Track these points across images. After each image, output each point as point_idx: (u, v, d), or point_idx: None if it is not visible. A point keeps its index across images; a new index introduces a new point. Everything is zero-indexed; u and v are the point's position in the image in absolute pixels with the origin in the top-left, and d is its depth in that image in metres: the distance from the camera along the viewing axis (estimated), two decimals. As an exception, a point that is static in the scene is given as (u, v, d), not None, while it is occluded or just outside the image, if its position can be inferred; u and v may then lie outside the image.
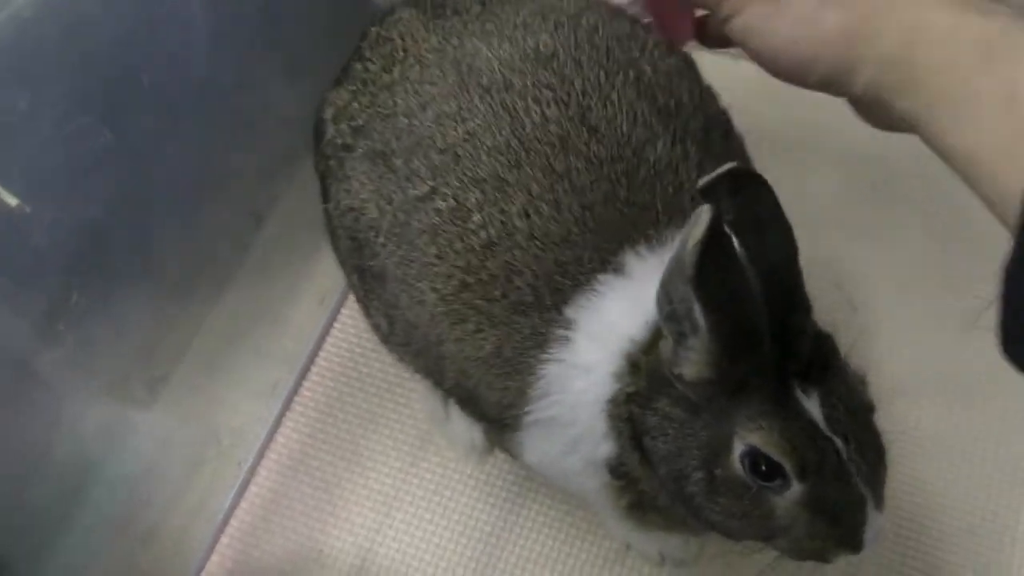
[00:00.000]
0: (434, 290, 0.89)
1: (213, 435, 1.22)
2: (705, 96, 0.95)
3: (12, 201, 0.84)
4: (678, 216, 0.85)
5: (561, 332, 0.85)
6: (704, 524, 0.82)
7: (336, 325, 1.31)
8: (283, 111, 1.20)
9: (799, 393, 0.74)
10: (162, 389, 1.14)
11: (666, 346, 0.77)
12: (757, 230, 0.72)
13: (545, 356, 0.85)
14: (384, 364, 1.27)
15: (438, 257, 0.88)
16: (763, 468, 0.74)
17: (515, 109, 0.87)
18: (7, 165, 0.83)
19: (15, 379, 0.86)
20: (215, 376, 1.21)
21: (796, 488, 0.75)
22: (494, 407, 0.92)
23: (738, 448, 0.75)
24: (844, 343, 0.80)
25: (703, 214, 0.67)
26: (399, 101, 0.93)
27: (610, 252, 0.84)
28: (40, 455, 0.94)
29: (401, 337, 1.00)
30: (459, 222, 0.86)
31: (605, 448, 0.86)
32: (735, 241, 0.70)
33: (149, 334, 1.10)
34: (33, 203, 0.85)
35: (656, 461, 0.81)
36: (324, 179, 1.03)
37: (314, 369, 1.28)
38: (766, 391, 0.74)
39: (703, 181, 0.70)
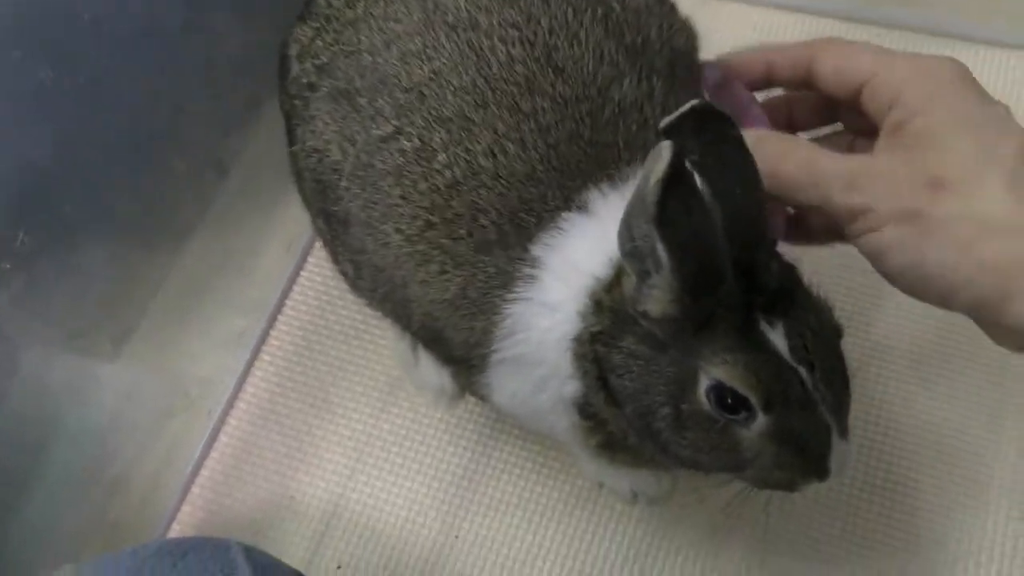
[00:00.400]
0: (399, 231, 0.88)
1: (180, 386, 1.21)
2: (674, 29, 0.94)
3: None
4: (641, 153, 0.84)
5: (527, 271, 0.84)
6: (673, 460, 0.83)
7: (303, 273, 1.30)
8: (241, 56, 1.18)
9: (764, 325, 0.74)
10: (127, 341, 1.13)
11: (629, 283, 0.76)
12: (722, 167, 0.71)
13: (511, 295, 0.85)
14: (352, 311, 1.26)
15: (402, 198, 0.87)
16: (729, 401, 0.75)
17: (481, 48, 0.85)
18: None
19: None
20: (181, 327, 1.20)
21: (762, 420, 0.75)
22: (461, 347, 0.92)
23: (704, 383, 0.75)
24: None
25: (663, 151, 0.66)
26: (363, 38, 0.91)
27: (574, 190, 0.83)
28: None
29: (368, 282, 0.99)
30: (424, 162, 0.85)
31: (571, 387, 0.85)
32: (698, 178, 0.69)
33: (110, 285, 1.08)
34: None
35: (623, 399, 0.81)
36: (289, 119, 1.01)
37: (281, 318, 1.27)
38: (730, 325, 0.74)
39: (666, 121, 0.69)
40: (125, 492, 1.13)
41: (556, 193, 0.83)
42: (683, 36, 0.95)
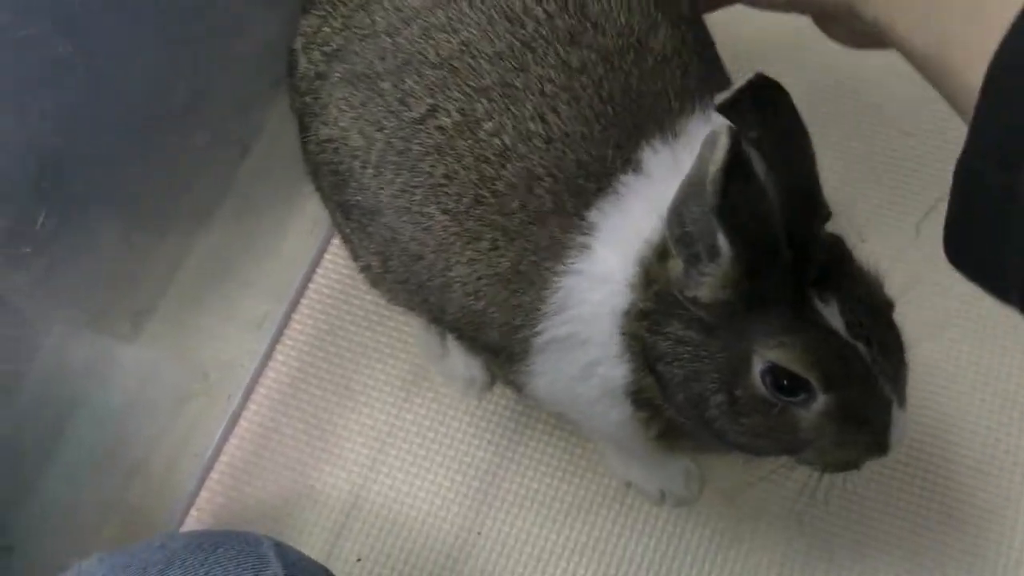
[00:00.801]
0: (445, 212, 0.84)
1: (200, 369, 1.18)
2: None
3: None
4: (688, 104, 0.82)
5: (581, 239, 0.80)
6: (729, 445, 0.80)
7: (326, 256, 1.27)
8: (264, 34, 1.14)
9: (817, 302, 0.72)
10: (146, 323, 1.10)
11: (676, 268, 0.74)
12: (778, 140, 0.68)
13: (562, 267, 0.81)
14: (376, 298, 1.23)
15: (446, 177, 0.83)
16: (785, 383, 0.72)
17: (512, 11, 0.82)
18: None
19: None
20: (201, 309, 1.17)
21: (822, 400, 0.73)
22: (503, 332, 0.88)
23: (758, 366, 0.72)
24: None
25: (722, 137, 0.63)
26: (378, 19, 0.87)
27: (630, 149, 0.80)
28: (16, 387, 0.90)
29: (399, 273, 0.96)
30: (469, 135, 0.82)
31: (620, 371, 0.82)
32: (755, 156, 0.67)
33: (129, 266, 1.05)
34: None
35: (672, 388, 0.78)
36: (302, 117, 0.97)
37: (304, 301, 1.24)
38: (783, 304, 0.71)
39: (722, 97, 0.65)
40: (143, 476, 1.11)
41: (614, 153, 0.80)
42: None
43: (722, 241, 0.67)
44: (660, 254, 0.77)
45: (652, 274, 0.77)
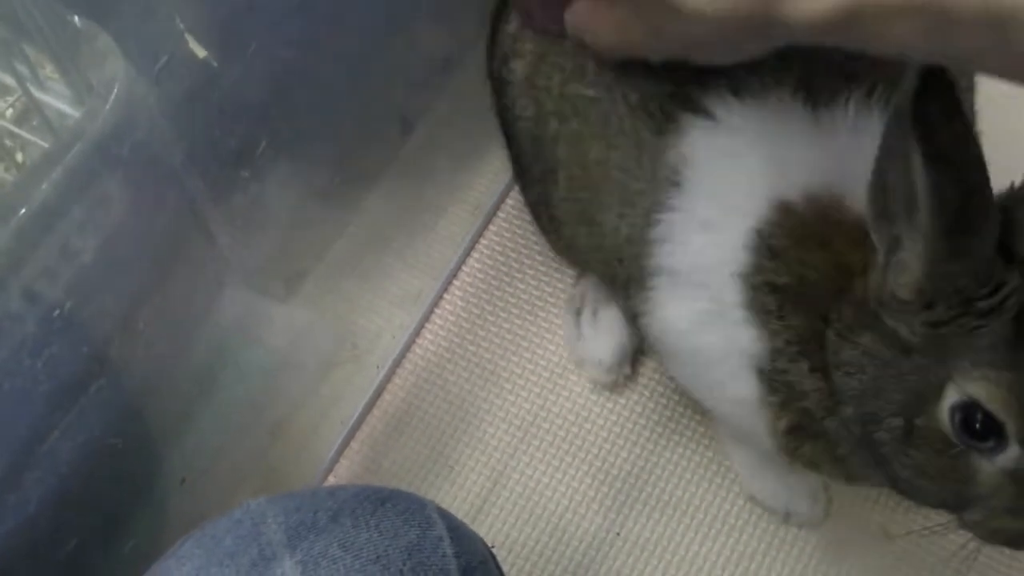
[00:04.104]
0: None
1: (349, 337, 1.17)
2: None
3: (200, 53, 0.79)
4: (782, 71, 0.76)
5: (670, 176, 0.78)
6: (885, 477, 0.73)
7: (482, 240, 1.25)
8: (436, 14, 1.14)
9: None
10: (300, 285, 1.10)
11: (875, 275, 0.69)
12: (953, 142, 0.61)
13: (662, 196, 0.79)
14: (530, 284, 1.21)
15: None
16: (977, 425, 0.65)
17: None
18: (200, 19, 0.78)
19: (189, 228, 0.81)
20: (355, 277, 1.17)
21: (1013, 452, 0.65)
22: (618, 239, 0.85)
23: (951, 397, 0.65)
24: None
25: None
26: None
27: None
28: (195, 324, 0.90)
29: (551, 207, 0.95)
30: None
31: (748, 337, 0.77)
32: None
33: (291, 226, 1.05)
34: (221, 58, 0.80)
35: (845, 399, 0.73)
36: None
37: (456, 282, 1.23)
38: (998, 334, 0.64)
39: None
40: (285, 437, 1.11)
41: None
42: None
43: (921, 179, 0.60)
44: (785, 230, 0.74)
45: (777, 245, 0.74)
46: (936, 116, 0.59)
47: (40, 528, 0.67)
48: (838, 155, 0.75)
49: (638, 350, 1.13)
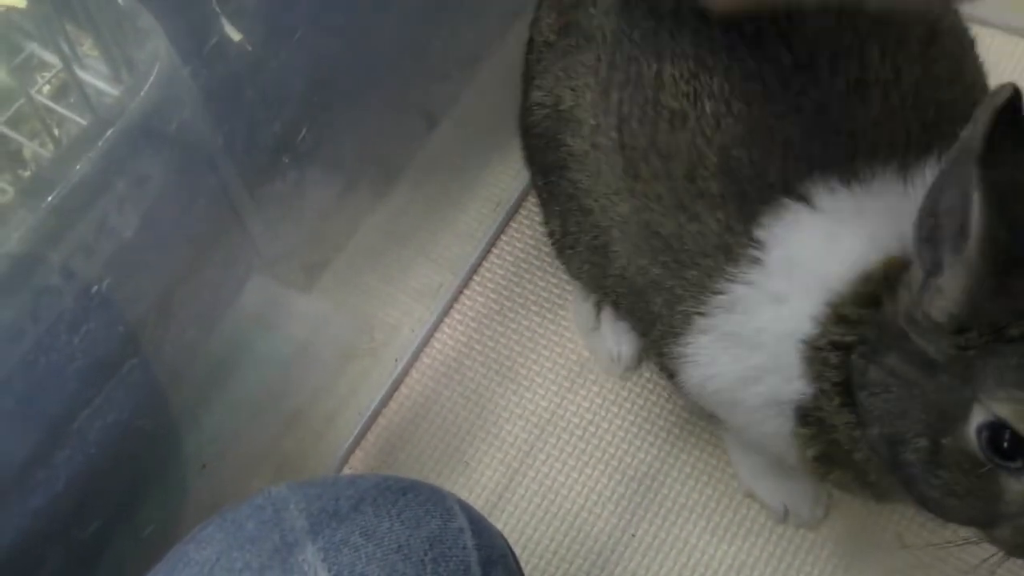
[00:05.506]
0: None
1: (367, 329, 1.17)
2: None
3: (236, 36, 0.79)
4: (885, 149, 0.76)
5: (751, 252, 0.77)
6: (915, 497, 0.73)
7: (503, 236, 1.25)
8: (465, 10, 1.14)
9: None
10: (320, 275, 1.10)
11: (906, 294, 0.68)
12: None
13: (733, 270, 0.78)
14: (550, 282, 1.21)
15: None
16: (1004, 445, 0.64)
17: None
18: (244, 5, 0.78)
19: (224, 213, 0.81)
20: (375, 270, 1.17)
21: None
22: (664, 298, 0.84)
23: (977, 418, 0.65)
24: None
25: (1003, 90, 0.59)
26: None
27: (797, 177, 0.76)
28: (223, 310, 0.90)
29: (572, 236, 0.95)
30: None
31: (795, 388, 0.77)
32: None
33: (313, 216, 1.05)
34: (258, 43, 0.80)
35: (870, 419, 0.72)
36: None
37: (476, 277, 1.23)
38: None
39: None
40: (301, 426, 1.10)
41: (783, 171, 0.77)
42: None
43: (975, 214, 0.60)
44: (857, 300, 0.73)
45: (850, 316, 0.73)
46: (1003, 160, 0.59)
47: (65, 507, 0.67)
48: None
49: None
